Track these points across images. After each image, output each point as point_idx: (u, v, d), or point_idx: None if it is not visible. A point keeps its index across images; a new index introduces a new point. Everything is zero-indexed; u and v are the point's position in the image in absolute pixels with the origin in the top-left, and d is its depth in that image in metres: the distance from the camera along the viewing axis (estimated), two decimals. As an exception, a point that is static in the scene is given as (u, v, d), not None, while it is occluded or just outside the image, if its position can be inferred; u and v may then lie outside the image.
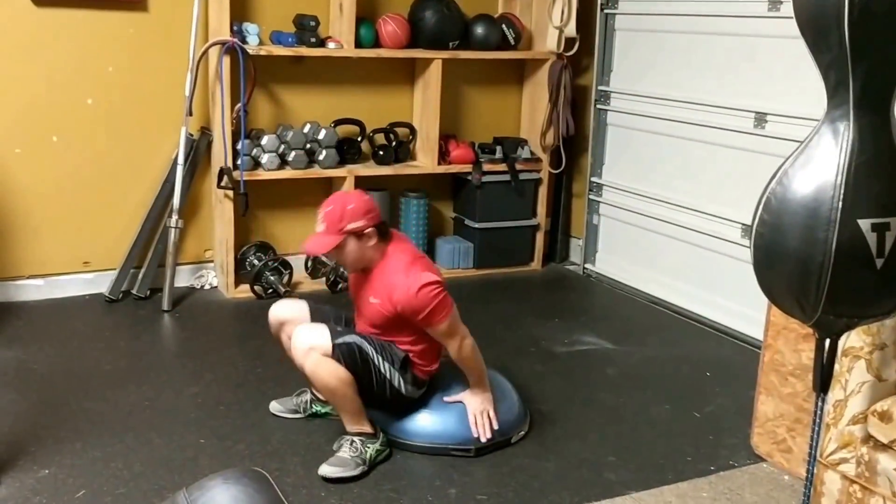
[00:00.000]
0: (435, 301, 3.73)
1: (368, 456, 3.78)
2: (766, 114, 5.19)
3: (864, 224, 2.45)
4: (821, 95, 2.57)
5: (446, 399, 4.02)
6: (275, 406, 4.28)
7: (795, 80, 4.96)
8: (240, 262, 5.87)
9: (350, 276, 4.13)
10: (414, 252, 3.97)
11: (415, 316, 3.76)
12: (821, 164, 2.50)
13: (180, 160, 5.63)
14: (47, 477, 3.67)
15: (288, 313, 4.08)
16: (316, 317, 4.03)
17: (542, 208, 6.72)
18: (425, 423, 3.99)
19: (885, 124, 2.51)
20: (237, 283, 5.84)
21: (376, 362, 3.84)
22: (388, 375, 3.87)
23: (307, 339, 3.76)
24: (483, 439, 3.94)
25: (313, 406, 4.24)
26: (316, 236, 3.82)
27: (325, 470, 3.72)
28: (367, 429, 3.85)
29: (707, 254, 5.69)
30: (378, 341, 3.90)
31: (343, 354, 3.75)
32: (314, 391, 4.21)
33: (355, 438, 3.81)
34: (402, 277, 3.76)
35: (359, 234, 3.78)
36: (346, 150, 6.09)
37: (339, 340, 3.77)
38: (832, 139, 2.51)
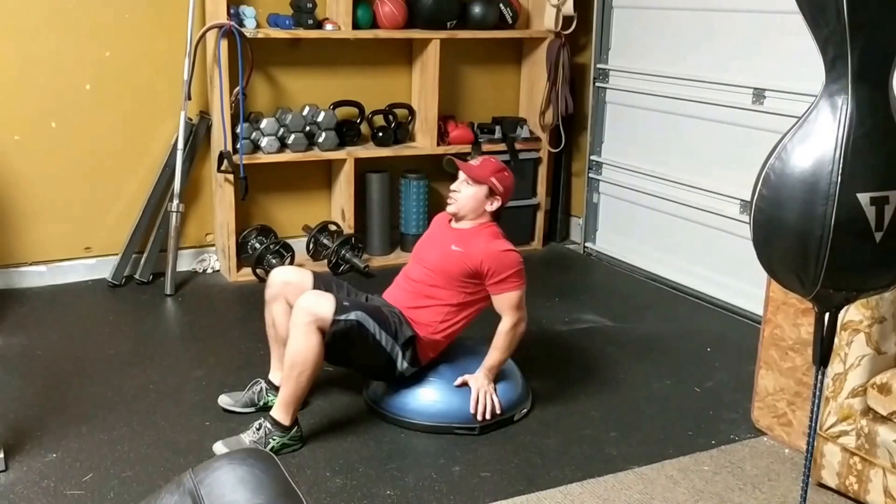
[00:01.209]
0: (516, 268, 4.02)
1: (270, 447, 3.70)
2: (764, 89, 5.19)
3: (863, 198, 2.45)
4: (819, 70, 2.57)
5: (456, 384, 4.04)
6: (224, 400, 4.17)
7: (793, 56, 4.96)
8: (241, 246, 5.89)
9: (433, 222, 4.42)
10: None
11: (491, 275, 3.98)
12: (819, 139, 2.50)
13: (180, 145, 5.63)
14: (54, 461, 3.70)
15: (294, 277, 4.10)
16: (318, 285, 4.05)
17: (541, 187, 6.73)
18: (429, 402, 4.02)
19: (883, 98, 2.51)
20: (239, 266, 5.86)
21: (377, 338, 3.86)
22: (387, 349, 3.90)
23: (312, 305, 3.77)
24: (479, 418, 3.96)
25: (268, 395, 4.12)
26: (470, 164, 4.24)
27: (218, 447, 3.72)
28: (286, 421, 3.79)
29: (706, 230, 5.71)
30: (393, 314, 3.95)
31: (336, 332, 3.77)
32: (269, 378, 4.19)
33: (268, 424, 3.76)
34: (493, 240, 4.10)
35: (492, 192, 4.15)
36: (346, 133, 6.09)
37: (341, 317, 3.79)
38: (830, 113, 2.51)
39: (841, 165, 2.45)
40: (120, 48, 5.60)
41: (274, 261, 5.76)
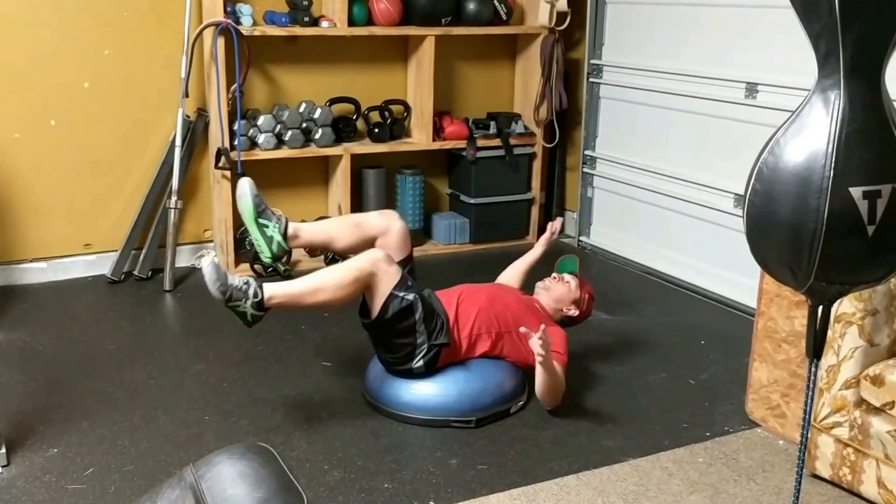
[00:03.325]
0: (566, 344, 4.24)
1: (235, 302, 3.75)
2: (757, 84, 5.22)
3: (856, 192, 2.45)
4: (811, 65, 2.58)
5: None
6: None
7: (786, 50, 5.00)
8: (239, 242, 5.91)
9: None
10: None
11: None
12: (812, 133, 2.51)
13: (178, 142, 5.65)
14: (56, 456, 3.72)
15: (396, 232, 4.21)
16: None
17: (536, 182, 6.76)
18: (426, 396, 4.04)
19: (875, 92, 2.51)
20: (237, 262, 5.89)
21: (415, 326, 3.94)
22: (417, 341, 3.97)
23: (381, 264, 3.89)
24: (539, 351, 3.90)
25: (274, 229, 4.10)
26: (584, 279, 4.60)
27: (206, 260, 3.78)
28: (269, 302, 3.80)
29: (700, 224, 5.74)
30: (439, 317, 4.02)
31: (392, 306, 3.89)
32: (296, 224, 4.19)
33: (255, 289, 3.77)
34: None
35: (577, 305, 4.50)
36: (342, 129, 6.12)
37: (400, 293, 3.90)
38: (823, 108, 2.51)
39: (833, 160, 2.46)
40: (118, 46, 5.62)
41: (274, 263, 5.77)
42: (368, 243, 4.15)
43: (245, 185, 4.06)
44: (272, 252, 4.02)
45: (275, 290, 3.81)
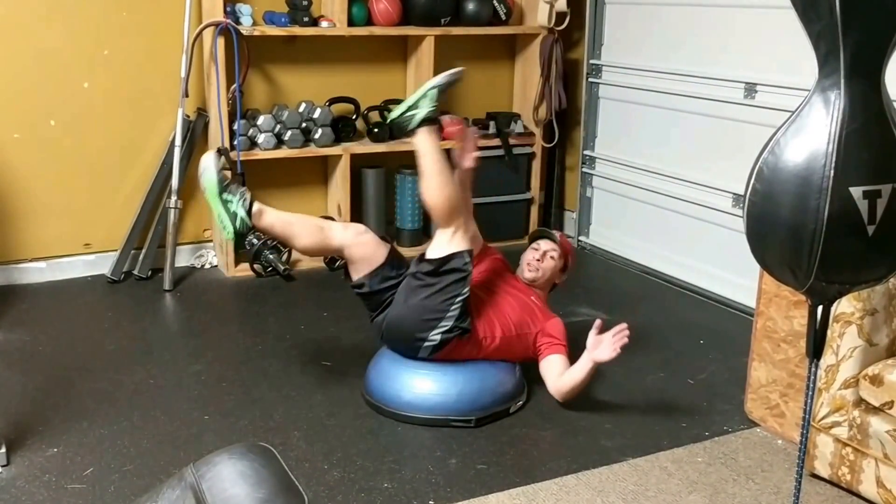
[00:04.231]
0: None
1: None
2: (755, 84, 5.23)
3: (856, 191, 2.46)
4: (810, 64, 2.59)
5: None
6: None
7: (785, 50, 5.00)
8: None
9: (491, 261, 4.60)
10: None
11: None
12: (812, 133, 2.52)
13: (177, 141, 5.66)
14: (55, 455, 3.72)
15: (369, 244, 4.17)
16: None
17: (535, 182, 6.76)
18: (426, 396, 4.05)
19: (875, 92, 2.52)
20: (237, 261, 5.89)
21: (455, 296, 3.98)
22: (445, 315, 3.99)
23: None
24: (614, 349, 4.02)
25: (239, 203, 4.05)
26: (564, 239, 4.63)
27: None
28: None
29: (699, 224, 5.74)
30: (469, 308, 4.06)
31: (457, 260, 3.99)
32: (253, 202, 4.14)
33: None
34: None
35: (564, 269, 4.59)
36: (342, 129, 6.12)
37: (467, 259, 4.02)
38: (823, 108, 2.52)
39: (834, 160, 2.47)
40: (118, 46, 5.62)
41: (271, 256, 5.78)
42: (328, 251, 4.15)
43: (208, 159, 4.00)
44: (235, 228, 3.94)
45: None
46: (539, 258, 4.48)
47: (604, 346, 4.02)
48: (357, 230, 4.14)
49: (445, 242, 4.00)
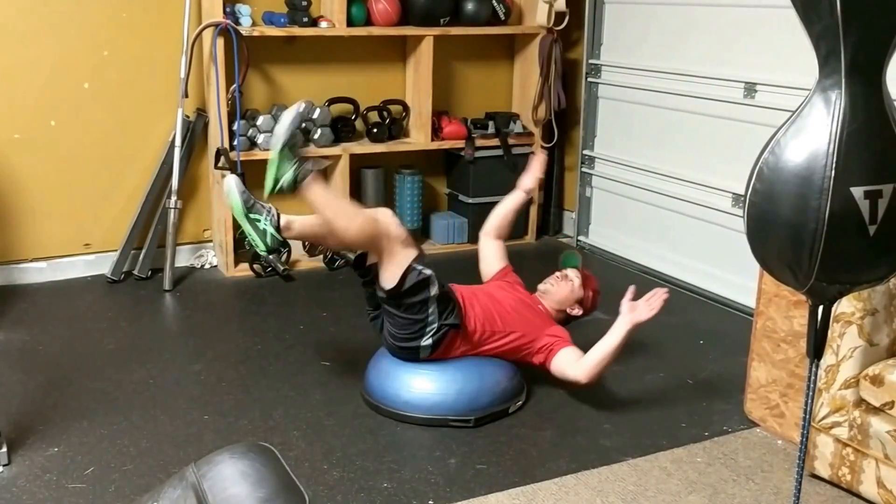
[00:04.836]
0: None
1: (259, 219, 3.92)
2: (755, 84, 5.23)
3: (857, 191, 2.47)
4: (810, 64, 2.59)
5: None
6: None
7: (785, 50, 5.00)
8: (238, 241, 5.90)
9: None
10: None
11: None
12: (813, 133, 2.52)
13: (177, 142, 5.66)
14: (56, 455, 3.72)
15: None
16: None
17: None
18: (425, 396, 4.05)
19: (876, 92, 2.52)
20: (236, 262, 5.89)
21: (428, 305, 3.98)
22: (428, 318, 3.99)
23: (398, 225, 3.98)
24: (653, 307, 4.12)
25: (267, 222, 4.04)
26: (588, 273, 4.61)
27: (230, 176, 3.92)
28: (287, 232, 3.96)
29: (698, 223, 5.74)
30: (452, 301, 4.06)
31: (410, 278, 3.93)
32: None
33: (274, 216, 3.93)
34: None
35: (581, 302, 4.52)
36: (341, 129, 6.13)
37: (419, 266, 3.95)
38: (824, 108, 2.52)
39: (834, 160, 2.47)
40: (118, 47, 5.63)
41: (270, 256, 5.78)
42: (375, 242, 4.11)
43: (230, 182, 4.03)
44: (267, 245, 3.99)
45: (293, 218, 3.97)
46: (559, 277, 4.50)
47: (641, 307, 4.08)
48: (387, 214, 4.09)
49: (390, 266, 3.94)
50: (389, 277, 3.93)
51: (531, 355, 4.21)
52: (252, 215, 3.97)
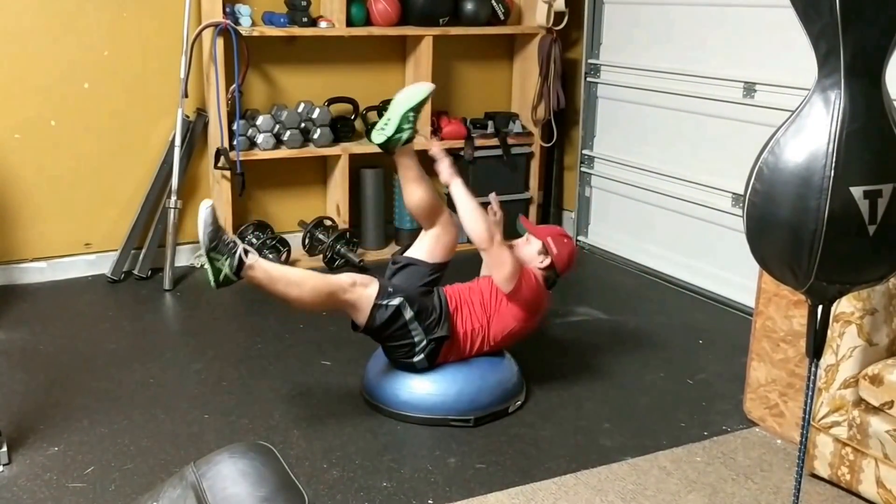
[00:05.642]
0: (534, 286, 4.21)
1: (218, 258, 3.77)
2: (754, 83, 5.23)
3: (857, 191, 2.47)
4: (809, 64, 2.59)
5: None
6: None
7: (784, 50, 5.00)
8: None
9: None
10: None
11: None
12: (812, 133, 2.52)
13: (177, 142, 5.66)
14: (56, 454, 3.73)
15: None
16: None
17: (534, 182, 6.77)
18: (425, 395, 4.05)
19: (876, 92, 2.53)
20: (235, 261, 5.88)
21: (410, 328, 3.98)
22: (414, 338, 4.00)
23: (360, 280, 3.97)
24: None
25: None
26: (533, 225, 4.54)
27: (206, 203, 3.79)
28: (247, 270, 3.80)
29: (698, 223, 5.75)
30: (436, 309, 4.06)
31: (378, 316, 3.93)
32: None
33: (240, 254, 3.77)
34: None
35: (545, 250, 4.31)
36: (340, 129, 6.13)
37: (384, 301, 3.94)
38: (823, 108, 2.52)
39: (834, 159, 2.47)
40: (118, 47, 5.63)
41: (270, 255, 5.79)
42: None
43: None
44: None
45: (257, 264, 3.82)
46: (524, 241, 4.45)
47: (443, 162, 4.35)
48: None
49: (356, 313, 3.96)
50: (360, 319, 3.97)
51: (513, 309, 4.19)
52: (212, 255, 3.87)
